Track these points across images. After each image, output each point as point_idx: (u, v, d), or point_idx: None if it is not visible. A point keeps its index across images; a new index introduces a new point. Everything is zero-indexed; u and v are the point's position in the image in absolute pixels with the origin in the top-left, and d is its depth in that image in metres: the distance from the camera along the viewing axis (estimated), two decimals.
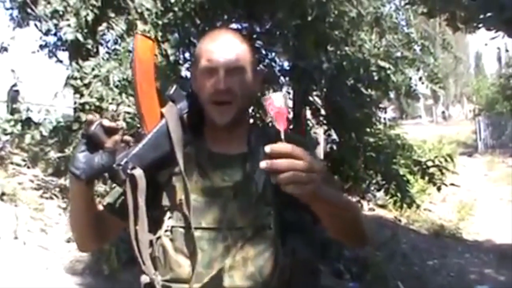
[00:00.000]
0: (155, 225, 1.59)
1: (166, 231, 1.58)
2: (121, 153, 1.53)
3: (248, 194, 1.59)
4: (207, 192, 1.60)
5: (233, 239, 1.55)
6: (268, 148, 1.27)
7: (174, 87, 1.67)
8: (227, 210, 1.58)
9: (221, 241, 1.55)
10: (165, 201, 1.61)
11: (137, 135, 1.63)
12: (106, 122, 1.52)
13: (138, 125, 4.83)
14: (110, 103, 5.74)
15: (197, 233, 1.54)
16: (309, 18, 7.29)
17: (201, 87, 1.64)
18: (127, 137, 1.58)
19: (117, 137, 1.53)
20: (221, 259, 1.54)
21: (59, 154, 6.08)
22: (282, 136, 1.31)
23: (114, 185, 1.68)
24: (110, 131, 1.52)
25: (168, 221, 1.59)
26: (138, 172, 1.51)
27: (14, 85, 7.01)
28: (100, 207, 1.73)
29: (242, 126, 1.70)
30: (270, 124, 1.36)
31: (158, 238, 1.58)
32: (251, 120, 7.16)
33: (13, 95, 7.53)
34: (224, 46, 1.62)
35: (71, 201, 1.67)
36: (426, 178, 7.85)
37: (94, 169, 1.51)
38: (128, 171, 1.50)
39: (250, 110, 7.20)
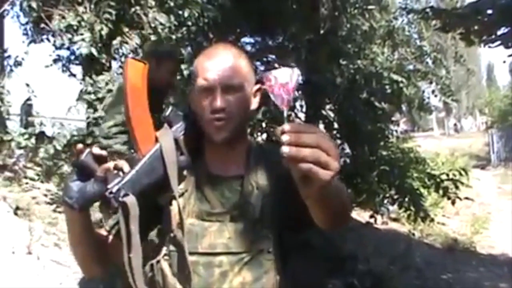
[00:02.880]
0: (155, 248, 1.58)
1: (165, 255, 1.56)
2: (114, 180, 1.50)
3: (245, 217, 1.55)
4: (204, 215, 1.58)
5: (230, 264, 1.52)
6: (289, 126, 1.08)
7: (170, 108, 1.64)
8: (223, 235, 1.54)
9: (217, 266, 1.52)
10: (164, 225, 1.59)
11: (131, 160, 1.61)
12: (96, 151, 1.51)
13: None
14: None
15: (193, 258, 1.52)
16: (322, 32, 7.33)
17: (198, 105, 1.60)
18: (118, 164, 1.55)
19: (106, 165, 1.51)
20: (218, 284, 1.51)
21: (68, 173, 6.08)
22: (285, 114, 1.15)
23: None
24: (100, 159, 1.51)
25: (167, 245, 1.57)
26: (130, 200, 1.47)
27: (28, 99, 7.06)
28: (103, 231, 1.71)
29: (240, 145, 1.66)
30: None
31: (158, 262, 1.56)
32: (264, 135, 7.19)
33: (27, 109, 7.59)
34: (220, 64, 1.58)
35: (68, 230, 1.64)
36: (440, 191, 7.82)
37: (86, 197, 1.50)
38: (120, 198, 1.47)
39: (263, 125, 7.25)
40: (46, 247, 5.38)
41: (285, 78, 1.16)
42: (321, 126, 7.80)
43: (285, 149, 1.05)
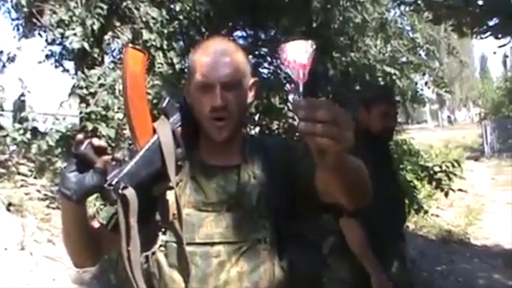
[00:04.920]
0: (150, 239, 1.56)
1: (160, 246, 1.55)
2: (113, 172, 1.49)
3: (242, 207, 1.55)
4: (200, 206, 1.57)
5: (227, 253, 1.52)
6: (304, 102, 1.09)
7: (167, 99, 1.63)
8: (220, 225, 1.54)
9: (214, 256, 1.52)
10: (159, 216, 1.58)
11: (129, 151, 1.59)
12: (96, 142, 1.49)
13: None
14: (116, 112, 5.75)
15: (190, 248, 1.51)
16: (314, 25, 7.31)
17: (196, 102, 1.60)
18: (117, 155, 1.55)
19: (106, 157, 1.49)
20: (216, 274, 1.51)
21: (66, 164, 6.07)
22: (301, 89, 1.16)
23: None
24: (100, 151, 1.49)
25: (162, 236, 1.56)
26: (130, 192, 1.46)
27: (22, 94, 7.03)
28: (96, 223, 1.70)
29: (236, 137, 1.66)
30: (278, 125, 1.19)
31: (153, 253, 1.55)
32: (257, 128, 7.19)
33: (20, 105, 7.56)
34: (218, 60, 1.57)
35: (62, 221, 1.63)
36: (434, 183, 7.83)
37: (85, 189, 1.48)
38: (120, 191, 1.45)
39: (256, 118, 7.23)
40: (39, 243, 5.38)
41: (300, 51, 1.16)
42: None
43: (300, 125, 1.07)
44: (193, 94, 1.60)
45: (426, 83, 9.18)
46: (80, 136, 1.51)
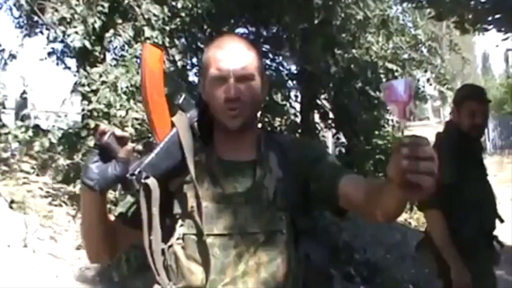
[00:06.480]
0: (166, 233, 1.57)
1: (178, 239, 1.57)
2: (134, 163, 1.51)
3: (259, 200, 1.58)
4: (218, 199, 1.59)
5: (246, 245, 1.54)
6: (408, 140, 1.11)
7: (183, 96, 1.65)
8: (238, 216, 1.56)
9: (233, 247, 1.54)
10: (177, 209, 1.59)
11: (148, 144, 1.61)
12: (119, 132, 1.51)
13: (149, 133, 4.83)
14: (118, 109, 5.75)
15: (209, 240, 1.53)
16: (316, 22, 7.32)
17: (211, 95, 1.63)
18: (138, 147, 1.56)
19: (129, 146, 1.51)
20: (234, 265, 1.53)
21: (68, 161, 6.08)
22: (402, 126, 1.23)
23: (123, 193, 1.65)
24: (122, 141, 1.50)
25: (180, 229, 1.57)
26: (152, 181, 1.48)
27: (24, 92, 7.04)
28: (112, 218, 1.70)
29: (250, 132, 1.70)
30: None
31: (170, 246, 1.57)
32: (260, 125, 7.19)
33: (22, 102, 7.58)
34: (233, 54, 1.62)
35: (83, 213, 1.64)
36: None
37: (108, 179, 1.49)
38: (142, 180, 1.48)
39: (258, 115, 7.23)
40: (41, 240, 5.38)
41: (402, 89, 1.19)
42: (316, 115, 7.81)
43: (404, 163, 1.09)
44: (208, 88, 1.63)
45: (428, 80, 9.19)
46: (102, 126, 1.53)
